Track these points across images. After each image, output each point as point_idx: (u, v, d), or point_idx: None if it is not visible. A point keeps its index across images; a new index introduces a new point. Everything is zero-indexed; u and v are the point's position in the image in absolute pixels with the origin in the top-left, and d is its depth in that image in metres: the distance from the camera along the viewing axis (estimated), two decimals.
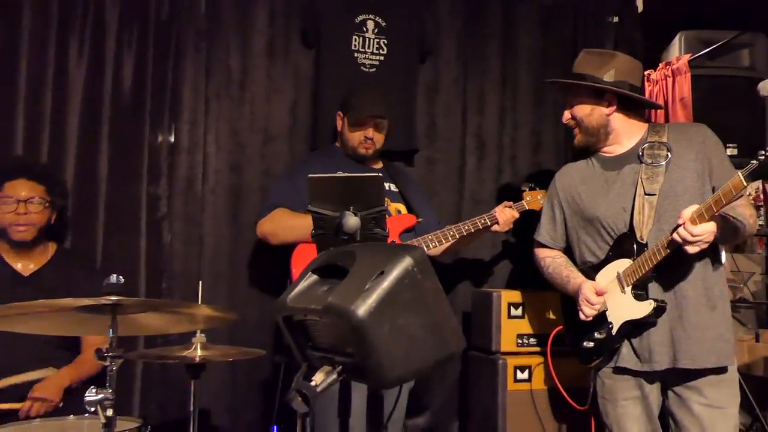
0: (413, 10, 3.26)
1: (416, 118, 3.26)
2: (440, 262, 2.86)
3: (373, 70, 3.17)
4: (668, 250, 2.09)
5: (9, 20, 2.82)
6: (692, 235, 1.99)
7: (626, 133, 2.32)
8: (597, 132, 2.31)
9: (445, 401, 3.19)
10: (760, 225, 3.25)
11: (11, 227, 2.43)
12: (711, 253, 2.17)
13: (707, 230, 2.00)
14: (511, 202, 2.77)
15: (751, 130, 3.09)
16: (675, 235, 2.04)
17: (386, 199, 2.68)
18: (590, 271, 2.32)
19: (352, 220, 1.64)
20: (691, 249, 2.03)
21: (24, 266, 2.51)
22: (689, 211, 2.00)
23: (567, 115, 2.37)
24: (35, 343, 2.33)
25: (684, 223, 2.00)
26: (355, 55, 3.15)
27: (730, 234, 2.14)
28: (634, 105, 2.34)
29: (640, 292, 2.19)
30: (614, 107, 2.29)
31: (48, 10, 2.85)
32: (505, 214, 2.71)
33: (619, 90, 2.27)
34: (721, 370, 2.17)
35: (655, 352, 2.17)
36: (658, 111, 3.08)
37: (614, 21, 3.48)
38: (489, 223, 2.72)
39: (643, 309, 2.16)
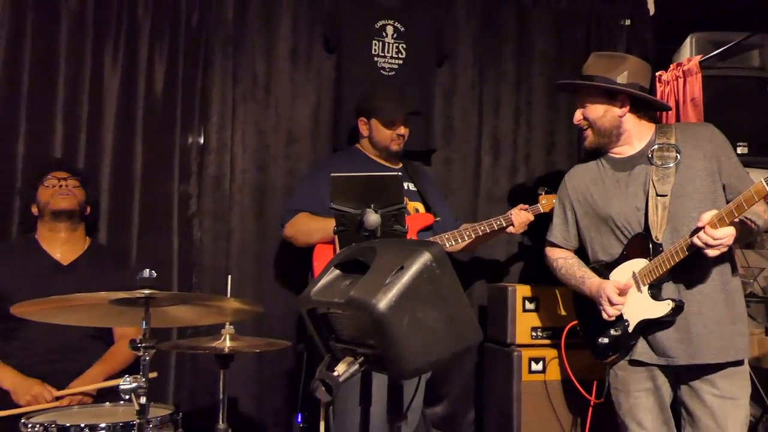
0: (431, 15, 3.23)
1: (434, 119, 3.23)
2: (457, 258, 2.83)
3: (393, 73, 3.15)
4: (687, 253, 2.04)
5: (47, 30, 2.84)
6: (714, 239, 1.95)
7: (637, 135, 2.27)
8: (609, 133, 2.25)
9: (462, 391, 3.17)
10: None
11: (53, 198, 2.49)
12: (726, 251, 2.12)
13: (728, 234, 1.96)
14: (527, 205, 2.73)
15: (761, 129, 3.03)
16: (695, 240, 1.99)
17: (405, 198, 2.66)
18: (603, 269, 2.27)
19: (372, 217, 1.64)
20: (712, 252, 1.98)
21: (63, 255, 2.53)
22: (709, 215, 1.96)
23: (579, 115, 2.30)
24: (71, 334, 2.36)
25: (704, 228, 1.95)
26: (375, 59, 3.13)
27: (746, 235, 2.10)
28: (644, 106, 2.29)
29: (656, 291, 2.14)
30: (627, 108, 2.24)
31: (84, 20, 2.88)
32: (521, 217, 2.68)
33: (634, 92, 2.21)
34: (737, 363, 2.13)
35: (673, 348, 2.13)
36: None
37: (626, 24, 3.41)
38: (504, 225, 2.69)
39: (661, 309, 2.12)
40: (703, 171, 2.15)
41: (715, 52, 3.09)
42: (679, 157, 2.17)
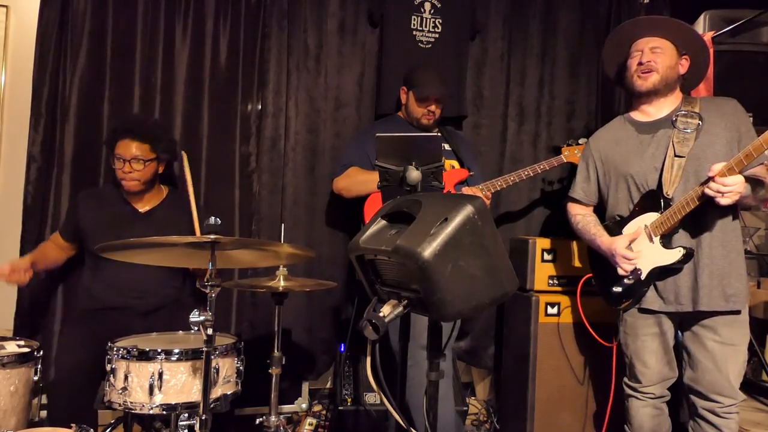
0: None
1: (466, 89, 3.07)
2: None
3: (429, 46, 2.98)
4: (698, 202, 1.90)
5: (127, 8, 2.76)
6: (725, 186, 1.80)
7: (670, 99, 2.11)
8: (670, 85, 2.09)
9: (484, 329, 3.10)
10: None
11: (122, 180, 2.41)
12: (729, 207, 1.96)
13: (739, 181, 1.81)
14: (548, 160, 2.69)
15: (767, 101, 2.81)
16: (707, 190, 1.84)
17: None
18: (616, 226, 2.14)
19: (414, 174, 1.54)
20: (724, 201, 1.83)
21: (141, 206, 2.48)
22: (719, 166, 1.81)
23: (649, 56, 2.07)
24: (151, 273, 2.32)
25: (715, 177, 1.81)
26: (414, 33, 2.96)
27: (759, 188, 1.93)
28: (692, 75, 2.15)
29: (667, 241, 2.01)
30: (686, 70, 2.10)
31: None
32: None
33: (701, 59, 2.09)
34: (737, 312, 2.00)
35: (681, 295, 2.01)
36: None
37: (645, 2, 3.16)
38: (531, 174, 2.63)
39: (672, 256, 1.99)
40: (723, 138, 2.00)
41: (726, 29, 2.86)
42: (701, 124, 2.00)
